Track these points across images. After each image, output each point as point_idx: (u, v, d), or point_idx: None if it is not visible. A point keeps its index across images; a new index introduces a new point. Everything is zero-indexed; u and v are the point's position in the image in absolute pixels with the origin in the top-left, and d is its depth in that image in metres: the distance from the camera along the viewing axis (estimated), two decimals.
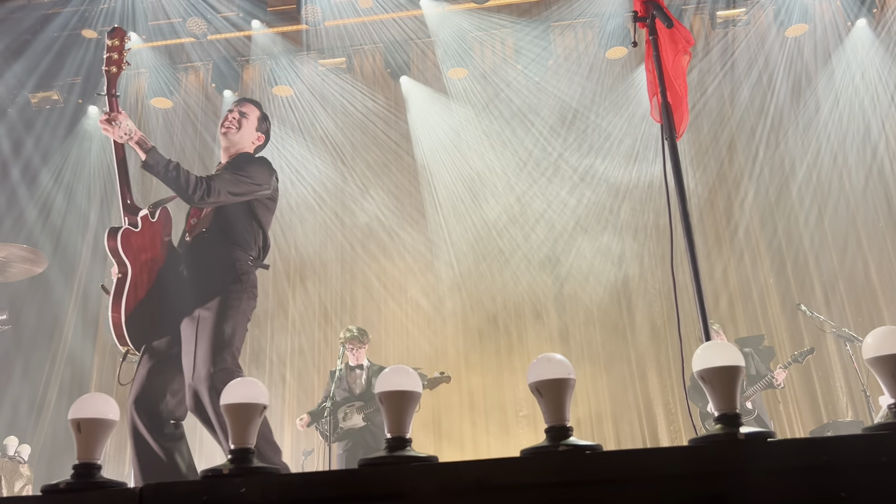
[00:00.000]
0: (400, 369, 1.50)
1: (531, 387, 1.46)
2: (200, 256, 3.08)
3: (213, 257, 3.06)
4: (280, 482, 1.40)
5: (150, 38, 8.28)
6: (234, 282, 3.02)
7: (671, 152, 2.25)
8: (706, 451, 1.32)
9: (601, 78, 7.93)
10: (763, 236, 7.40)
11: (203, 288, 2.98)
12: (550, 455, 1.37)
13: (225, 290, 2.99)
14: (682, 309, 2.43)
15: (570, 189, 7.71)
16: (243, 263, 3.09)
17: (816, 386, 6.83)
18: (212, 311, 2.92)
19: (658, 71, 2.33)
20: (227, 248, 3.09)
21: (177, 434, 3.00)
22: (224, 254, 3.07)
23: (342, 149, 8.25)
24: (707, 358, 1.41)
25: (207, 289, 2.98)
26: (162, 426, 2.94)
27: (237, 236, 3.12)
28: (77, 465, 1.45)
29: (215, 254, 3.07)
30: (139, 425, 2.91)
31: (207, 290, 2.98)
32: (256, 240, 3.20)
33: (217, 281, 3.00)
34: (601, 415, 7.08)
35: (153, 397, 2.95)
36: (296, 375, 7.57)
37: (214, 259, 3.05)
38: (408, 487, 1.33)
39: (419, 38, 8.31)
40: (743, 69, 7.82)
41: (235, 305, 2.99)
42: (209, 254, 3.07)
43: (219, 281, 3.00)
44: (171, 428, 2.98)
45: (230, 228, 3.11)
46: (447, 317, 7.56)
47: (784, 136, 7.58)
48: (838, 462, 1.26)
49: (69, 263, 7.79)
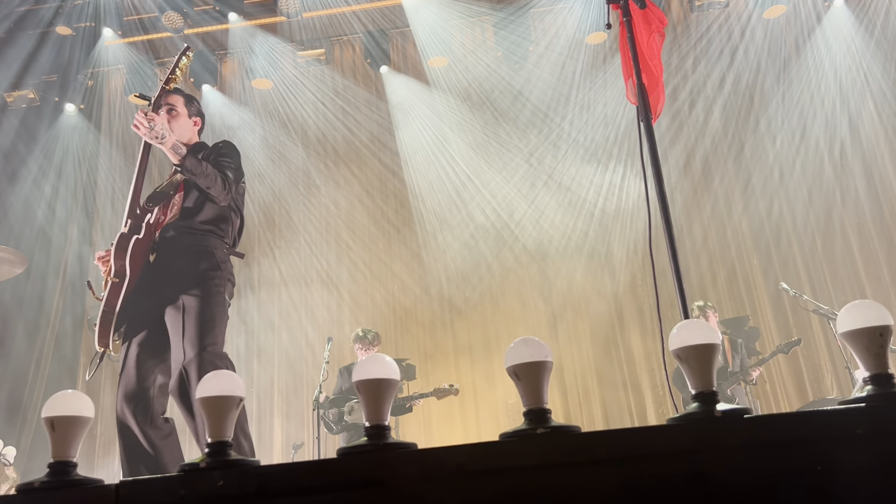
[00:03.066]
0: (377, 358, 1.49)
1: (509, 371, 1.45)
2: (179, 245, 3.10)
3: (192, 246, 3.10)
4: (258, 473, 1.38)
5: (125, 34, 8.19)
6: (213, 269, 3.08)
7: (647, 133, 2.25)
8: (683, 429, 1.32)
9: (580, 64, 7.92)
10: (746, 217, 7.44)
11: (185, 276, 3.02)
12: (529, 438, 1.36)
13: (206, 276, 3.04)
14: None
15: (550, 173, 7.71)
16: (220, 251, 3.14)
17: (802, 365, 6.89)
18: (196, 298, 2.96)
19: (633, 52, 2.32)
20: (205, 237, 3.13)
21: (167, 429, 3.00)
22: (202, 242, 3.12)
23: (322, 141, 8.20)
24: (683, 336, 1.41)
25: (189, 277, 3.02)
26: (153, 419, 2.96)
27: (214, 224, 3.16)
28: (52, 464, 1.43)
29: (194, 242, 3.11)
30: (129, 419, 2.91)
31: (189, 277, 3.01)
32: (234, 226, 3.26)
33: (197, 269, 3.04)
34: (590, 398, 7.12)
35: (142, 391, 2.97)
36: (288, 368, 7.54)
37: (193, 248, 3.10)
38: (387, 474, 1.32)
39: (398, 28, 8.27)
40: (722, 52, 7.83)
41: (218, 291, 3.04)
42: (188, 243, 3.10)
43: (199, 268, 3.05)
44: (162, 422, 2.99)
45: (206, 216, 3.15)
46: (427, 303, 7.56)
47: (765, 117, 7.61)
48: (814, 436, 1.27)
49: (52, 263, 7.71)
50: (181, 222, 3.13)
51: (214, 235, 3.15)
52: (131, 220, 3.07)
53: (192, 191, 3.16)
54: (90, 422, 1.50)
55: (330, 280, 7.77)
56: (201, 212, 3.14)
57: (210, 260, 3.08)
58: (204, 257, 3.08)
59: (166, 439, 2.94)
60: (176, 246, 3.09)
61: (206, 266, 3.06)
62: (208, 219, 3.15)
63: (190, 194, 3.16)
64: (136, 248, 3.00)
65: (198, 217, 3.14)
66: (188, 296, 2.97)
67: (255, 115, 8.24)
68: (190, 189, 3.16)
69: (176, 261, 3.06)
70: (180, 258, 3.06)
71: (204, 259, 3.08)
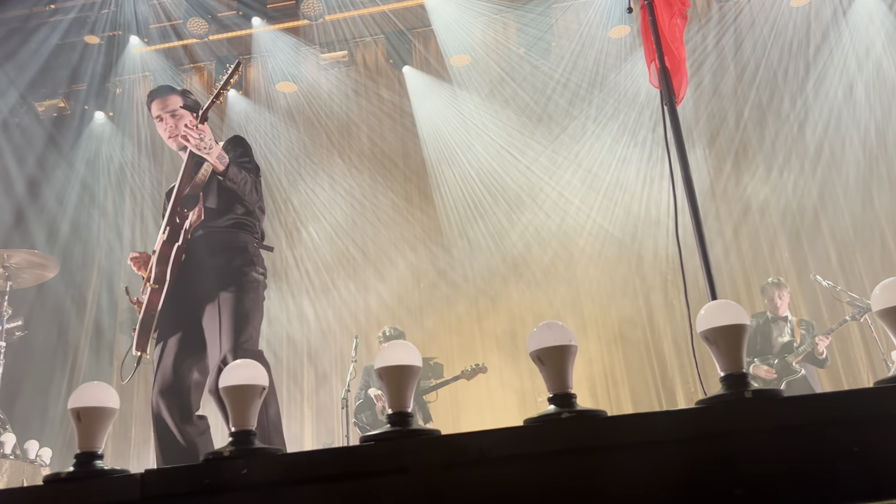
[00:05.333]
0: (399, 344, 1.48)
1: (532, 355, 1.43)
2: (212, 244, 3.13)
3: (225, 242, 3.13)
4: (282, 462, 1.38)
5: (152, 42, 8.30)
6: (248, 264, 3.10)
7: (671, 118, 2.21)
8: (712, 412, 1.29)
9: (605, 57, 7.86)
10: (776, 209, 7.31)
11: (220, 273, 3.05)
12: (554, 422, 1.34)
13: (241, 272, 3.06)
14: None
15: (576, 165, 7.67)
16: (252, 245, 3.18)
17: (837, 358, 6.74)
18: (232, 294, 2.99)
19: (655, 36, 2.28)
20: (236, 233, 3.16)
21: (202, 426, 3.03)
22: (234, 238, 3.15)
23: (346, 141, 8.24)
24: (711, 318, 1.38)
25: (225, 273, 3.04)
26: (190, 416, 2.99)
27: (242, 219, 3.19)
28: (78, 455, 1.45)
29: (226, 239, 3.14)
30: (164, 415, 2.94)
31: (225, 274, 3.04)
32: (259, 220, 3.29)
33: (232, 265, 3.07)
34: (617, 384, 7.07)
35: (178, 388, 3.00)
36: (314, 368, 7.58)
37: (226, 244, 3.12)
38: (410, 461, 1.31)
39: (420, 28, 8.28)
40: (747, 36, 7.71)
41: (253, 287, 3.07)
42: (220, 240, 3.13)
43: (234, 265, 3.08)
44: (197, 419, 3.04)
45: (234, 213, 3.18)
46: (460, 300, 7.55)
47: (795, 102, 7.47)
48: (850, 417, 1.23)
49: (86, 267, 7.84)
50: (209, 223, 3.16)
51: (244, 230, 3.18)
52: (170, 227, 3.10)
53: (212, 191, 3.18)
54: (115, 413, 1.51)
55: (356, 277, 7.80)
56: (227, 210, 3.17)
57: (244, 255, 3.11)
58: (237, 253, 3.11)
59: (202, 436, 2.98)
60: (209, 244, 3.12)
61: (240, 262, 3.09)
62: (236, 215, 3.18)
63: (210, 195, 3.19)
64: (177, 255, 3.06)
65: (225, 215, 3.16)
66: (225, 292, 2.99)
67: (280, 119, 8.31)
68: (209, 190, 3.19)
69: (210, 259, 3.09)
70: (215, 256, 3.09)
71: (238, 255, 3.10)
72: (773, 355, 5.59)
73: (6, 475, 4.04)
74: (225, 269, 3.05)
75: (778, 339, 5.65)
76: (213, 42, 8.18)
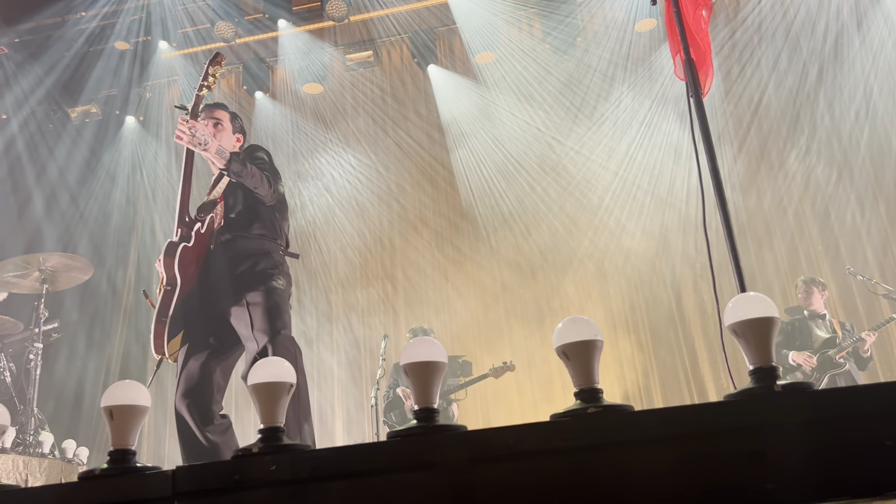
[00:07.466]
0: (424, 340, 1.48)
1: (558, 351, 1.43)
2: (236, 250, 3.16)
3: (249, 249, 3.16)
4: (310, 458, 1.39)
5: (180, 46, 8.42)
6: (273, 267, 3.14)
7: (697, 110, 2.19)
8: (741, 406, 1.27)
9: (631, 51, 7.79)
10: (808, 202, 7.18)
11: (246, 277, 3.09)
12: (580, 417, 1.33)
13: (266, 274, 3.10)
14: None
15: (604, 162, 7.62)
16: (276, 253, 3.21)
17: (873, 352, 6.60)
18: (259, 293, 3.03)
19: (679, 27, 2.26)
20: (260, 241, 3.19)
21: (224, 424, 3.07)
22: (258, 245, 3.18)
23: (374, 140, 8.28)
24: (739, 311, 1.36)
25: (250, 277, 3.09)
26: (211, 419, 3.02)
27: (264, 228, 3.22)
28: (112, 452, 1.47)
29: (250, 246, 3.16)
30: (186, 417, 2.98)
31: (250, 278, 3.08)
32: (282, 229, 3.31)
33: (256, 269, 3.11)
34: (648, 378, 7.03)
35: (202, 390, 3.03)
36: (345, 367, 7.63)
37: (251, 251, 3.15)
38: (437, 457, 1.31)
39: (444, 26, 8.28)
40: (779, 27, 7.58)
41: (280, 291, 3.10)
42: (244, 246, 3.16)
43: (258, 268, 3.11)
44: (219, 419, 3.06)
45: (255, 222, 3.20)
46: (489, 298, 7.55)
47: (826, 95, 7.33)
48: (883, 409, 1.20)
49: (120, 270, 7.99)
50: (230, 231, 3.19)
51: (267, 239, 3.21)
52: (181, 229, 3.13)
53: (232, 199, 3.21)
54: (147, 411, 1.54)
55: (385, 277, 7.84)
56: (248, 218, 3.19)
57: (268, 260, 3.15)
58: (262, 259, 3.15)
59: (224, 434, 3.02)
60: (234, 250, 3.15)
61: (264, 265, 3.13)
62: (257, 224, 3.20)
63: (230, 203, 3.22)
64: (184, 256, 3.05)
65: (246, 223, 3.19)
66: (252, 293, 3.04)
67: (307, 120, 8.37)
68: (229, 198, 3.22)
69: (236, 265, 3.13)
70: (240, 262, 3.13)
71: (262, 260, 3.14)
72: (813, 350, 5.48)
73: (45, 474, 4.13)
74: (248, 275, 3.09)
75: (818, 334, 5.55)
76: (239, 45, 8.27)
